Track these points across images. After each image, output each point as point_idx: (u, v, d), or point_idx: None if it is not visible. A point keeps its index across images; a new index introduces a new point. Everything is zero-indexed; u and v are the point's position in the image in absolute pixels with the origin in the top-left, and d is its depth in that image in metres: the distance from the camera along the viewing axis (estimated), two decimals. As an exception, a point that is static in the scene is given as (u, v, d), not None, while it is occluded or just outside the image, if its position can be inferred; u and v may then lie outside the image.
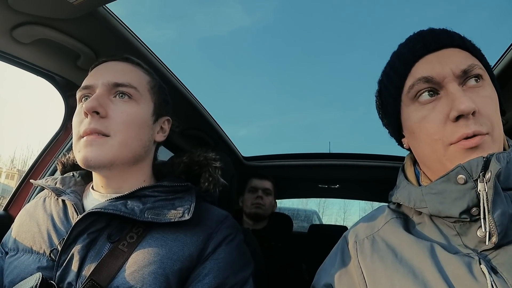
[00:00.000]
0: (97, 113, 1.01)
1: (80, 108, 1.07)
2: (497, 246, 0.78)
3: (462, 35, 0.95)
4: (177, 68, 1.80)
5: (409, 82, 0.93)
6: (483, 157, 0.78)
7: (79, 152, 1.01)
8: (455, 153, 0.84)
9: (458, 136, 0.82)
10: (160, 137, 1.20)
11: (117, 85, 1.07)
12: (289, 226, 3.20)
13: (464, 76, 0.87)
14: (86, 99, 1.08)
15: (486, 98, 0.86)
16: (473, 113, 0.82)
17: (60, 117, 1.86)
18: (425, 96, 0.90)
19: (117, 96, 1.07)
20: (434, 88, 0.89)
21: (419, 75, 0.91)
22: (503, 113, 0.89)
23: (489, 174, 0.77)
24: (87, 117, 1.01)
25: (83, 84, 1.10)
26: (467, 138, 0.82)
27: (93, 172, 1.13)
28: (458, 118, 0.83)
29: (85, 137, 1.00)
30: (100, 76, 1.09)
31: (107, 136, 1.01)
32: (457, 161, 0.83)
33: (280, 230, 2.92)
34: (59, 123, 1.87)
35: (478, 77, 0.88)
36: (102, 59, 1.17)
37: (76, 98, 1.45)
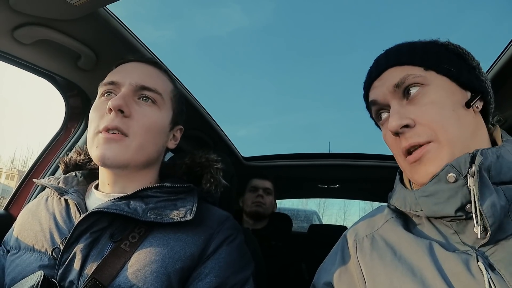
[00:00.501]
0: (122, 111, 1.02)
1: (102, 103, 1.08)
2: (494, 242, 0.78)
3: (407, 48, 0.98)
4: (176, 68, 1.80)
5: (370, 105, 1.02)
6: (470, 153, 0.81)
7: (97, 147, 1.02)
8: (410, 167, 0.91)
9: (401, 151, 0.91)
10: (172, 145, 1.23)
11: (144, 88, 1.08)
12: (289, 225, 3.20)
13: (400, 90, 0.93)
14: (109, 94, 1.09)
15: (427, 105, 0.88)
16: (408, 126, 0.88)
17: (60, 117, 1.87)
18: (382, 116, 1.00)
19: (141, 99, 1.08)
20: (384, 108, 0.98)
21: (370, 100, 1.01)
22: (467, 105, 0.89)
23: (473, 167, 0.79)
24: (109, 113, 1.02)
25: (109, 79, 1.10)
26: (410, 152, 0.89)
27: (100, 169, 1.14)
28: (397, 134, 0.90)
29: (104, 134, 1.01)
30: (128, 75, 1.10)
31: (126, 136, 1.02)
32: (415, 173, 0.90)
33: (280, 230, 2.93)
34: (58, 123, 1.88)
35: (416, 85, 0.91)
36: (129, 58, 1.18)
37: (76, 98, 1.44)
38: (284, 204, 6.48)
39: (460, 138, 0.86)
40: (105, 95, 1.10)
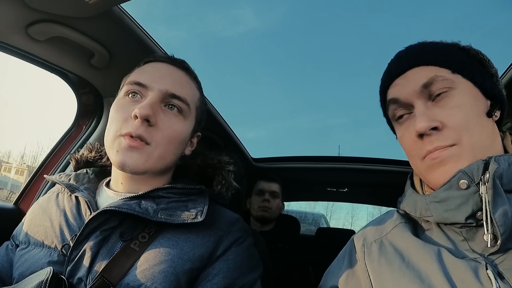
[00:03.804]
0: (147, 121, 1.00)
1: (127, 104, 1.05)
2: (504, 250, 0.78)
3: (432, 48, 0.97)
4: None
5: (387, 104, 0.99)
6: (483, 160, 0.80)
7: (117, 152, 1.01)
8: (427, 167, 0.89)
9: (424, 153, 0.88)
10: (188, 151, 1.22)
11: (174, 96, 1.06)
12: (297, 228, 3.19)
13: (427, 91, 0.90)
14: (135, 95, 1.06)
15: (454, 108, 0.87)
16: (436, 128, 0.86)
17: (71, 114, 1.89)
18: (401, 116, 0.96)
19: (168, 107, 1.07)
20: (405, 108, 0.95)
21: (389, 98, 0.98)
22: (489, 114, 0.89)
23: (487, 175, 0.78)
24: (134, 120, 1.00)
25: (137, 78, 1.07)
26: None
27: (115, 168, 1.13)
28: (422, 135, 0.87)
29: (126, 140, 1.00)
30: (158, 80, 1.07)
31: (148, 144, 1.01)
32: (432, 174, 0.88)
33: (287, 232, 2.92)
34: (69, 120, 1.89)
35: (444, 87, 0.89)
36: (159, 57, 1.15)
37: (88, 95, 1.43)
38: (292, 207, 6.47)
39: (482, 145, 0.85)
40: (130, 95, 1.07)
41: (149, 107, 1.00)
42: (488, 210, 0.77)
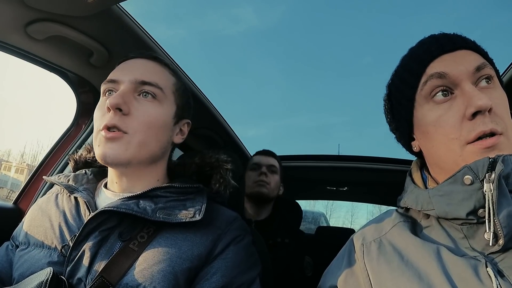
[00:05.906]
0: (120, 110, 1.02)
1: (103, 102, 1.07)
2: (504, 249, 0.77)
3: (471, 40, 0.95)
4: (188, 67, 1.81)
5: (423, 80, 0.93)
6: (490, 158, 0.78)
7: (99, 146, 1.02)
8: (471, 154, 0.83)
9: (475, 134, 0.82)
10: (179, 139, 1.22)
11: (144, 83, 1.07)
12: (298, 216, 2.74)
13: (477, 75, 0.88)
14: (110, 93, 1.08)
15: (498, 98, 0.86)
16: (489, 111, 0.82)
17: (71, 113, 1.88)
18: (440, 95, 0.90)
19: (141, 95, 1.08)
20: (448, 87, 0.90)
21: (433, 72, 0.91)
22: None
23: (494, 174, 0.76)
24: (109, 112, 1.02)
25: (110, 77, 1.10)
26: (483, 137, 0.82)
27: (108, 168, 1.14)
28: (474, 115, 0.83)
29: (104, 132, 1.01)
30: (128, 73, 1.09)
31: (125, 133, 1.02)
32: (473, 157, 0.82)
33: (287, 223, 2.55)
34: (69, 119, 1.89)
35: (489, 78, 0.88)
36: (131, 55, 1.17)
37: (87, 94, 1.43)
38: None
39: None
40: (106, 94, 1.10)
41: (119, 96, 1.02)
42: (491, 209, 0.76)
